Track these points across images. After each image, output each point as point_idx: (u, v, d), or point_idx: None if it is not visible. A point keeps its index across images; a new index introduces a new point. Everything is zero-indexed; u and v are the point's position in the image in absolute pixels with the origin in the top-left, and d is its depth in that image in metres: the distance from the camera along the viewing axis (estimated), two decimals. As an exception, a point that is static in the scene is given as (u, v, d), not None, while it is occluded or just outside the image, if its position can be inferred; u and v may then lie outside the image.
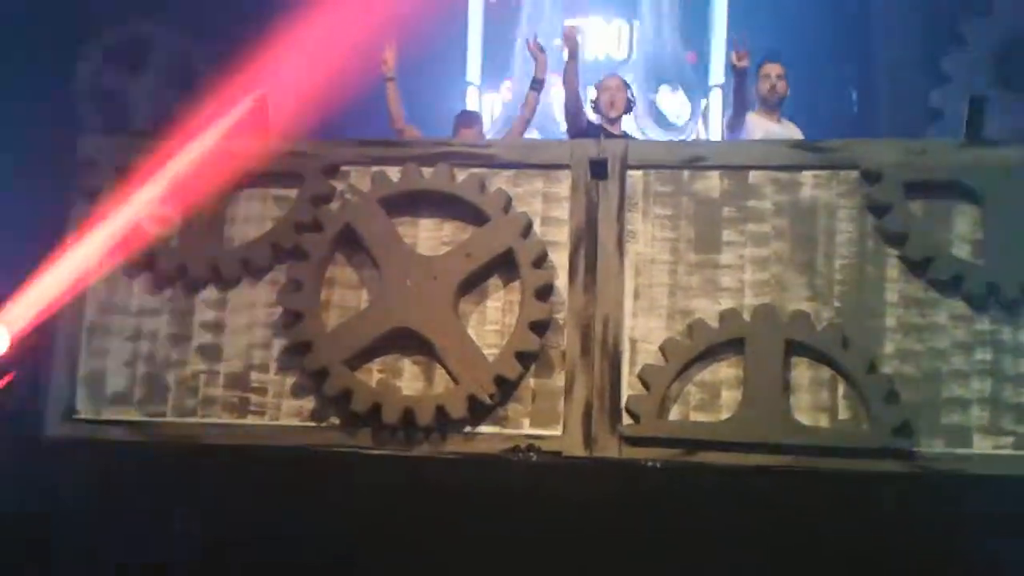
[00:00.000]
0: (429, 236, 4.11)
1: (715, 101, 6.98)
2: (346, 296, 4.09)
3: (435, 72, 6.77)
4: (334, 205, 4.14)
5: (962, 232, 3.87)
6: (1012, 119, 6.20)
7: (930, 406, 3.77)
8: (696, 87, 7.21)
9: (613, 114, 5.03)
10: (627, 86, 5.19)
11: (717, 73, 6.89)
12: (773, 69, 4.96)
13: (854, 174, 3.94)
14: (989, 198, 3.82)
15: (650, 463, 3.78)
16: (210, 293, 4.18)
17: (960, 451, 3.73)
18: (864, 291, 3.87)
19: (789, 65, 5.03)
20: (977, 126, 3.89)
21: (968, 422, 3.76)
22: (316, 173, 4.17)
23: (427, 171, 4.10)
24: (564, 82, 5.14)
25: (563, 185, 4.08)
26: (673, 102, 7.10)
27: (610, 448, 3.84)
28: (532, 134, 5.75)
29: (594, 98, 5.12)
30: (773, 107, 4.96)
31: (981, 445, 3.74)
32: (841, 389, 3.78)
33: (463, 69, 7.29)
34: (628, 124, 5.40)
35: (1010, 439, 3.73)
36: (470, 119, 5.53)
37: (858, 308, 3.86)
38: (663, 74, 7.12)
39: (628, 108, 5.13)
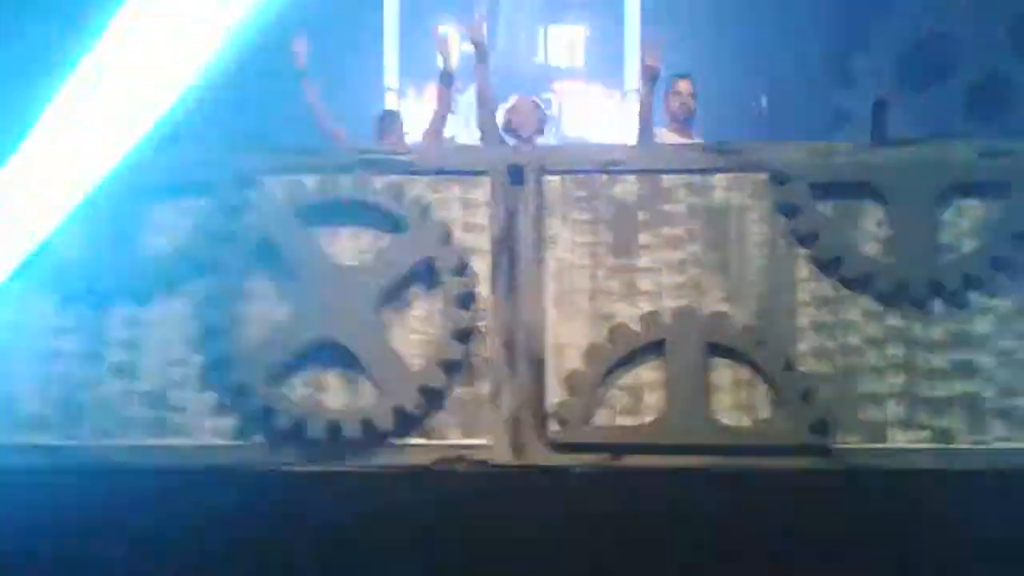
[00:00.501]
0: (348, 246, 4.04)
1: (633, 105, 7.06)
2: (265, 309, 4.01)
3: (350, 76, 6.67)
4: (249, 216, 4.06)
5: (870, 231, 3.96)
6: (915, 118, 6.44)
7: (846, 402, 3.86)
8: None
9: (524, 134, 4.97)
10: (538, 107, 5.16)
11: (632, 78, 6.95)
12: (685, 86, 5.01)
13: (764, 176, 4.00)
14: (895, 196, 3.92)
15: (578, 469, 3.81)
16: (123, 309, 4.06)
17: (877, 446, 3.83)
18: (777, 291, 3.94)
19: (698, 71, 5.09)
20: (882, 127, 4.02)
21: (884, 417, 3.86)
22: (229, 183, 4.08)
23: (344, 179, 4.05)
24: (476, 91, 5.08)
25: (482, 191, 4.05)
26: None
27: (538, 455, 3.85)
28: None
29: (505, 121, 5.05)
30: (684, 124, 5.02)
31: (897, 439, 3.84)
32: (760, 388, 3.85)
33: (380, 72, 7.19)
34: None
35: (926, 432, 3.84)
36: (389, 123, 5.32)
37: (772, 308, 3.93)
38: None
39: (541, 129, 5.10)
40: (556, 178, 4.06)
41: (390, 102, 7.07)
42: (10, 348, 4.05)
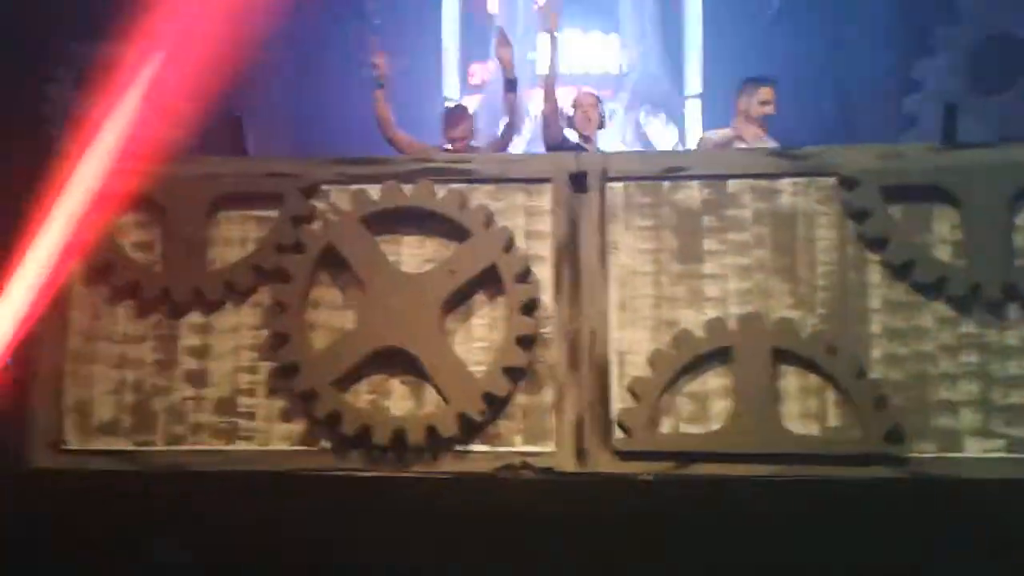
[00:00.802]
0: (412, 254, 4.09)
1: (692, 111, 7.02)
2: (331, 317, 4.07)
3: (411, 87, 6.75)
4: (315, 225, 4.12)
5: (942, 234, 3.89)
6: (984, 121, 6.31)
7: (920, 410, 3.79)
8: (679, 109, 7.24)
9: (588, 131, 5.02)
10: (600, 101, 5.19)
11: (693, 84, 6.93)
12: (769, 92, 5.00)
13: (832, 181, 3.96)
14: (966, 200, 3.85)
15: (643, 477, 3.79)
16: (194, 317, 4.14)
17: (951, 455, 3.75)
18: (847, 297, 3.89)
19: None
20: (951, 130, 3.93)
21: (958, 425, 3.78)
22: (296, 193, 4.14)
23: (407, 188, 4.09)
24: (544, 97, 5.12)
25: (544, 199, 4.07)
26: (663, 134, 7.12)
27: (602, 462, 3.84)
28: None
29: (570, 115, 5.11)
30: (762, 126, 4.98)
31: (972, 448, 3.76)
32: (830, 396, 3.80)
33: (439, 83, 7.29)
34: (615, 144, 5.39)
35: (1001, 442, 3.76)
36: (458, 116, 5.33)
37: (842, 314, 3.87)
38: (650, 98, 7.15)
39: (602, 124, 5.13)
40: (619, 185, 4.06)
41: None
42: (87, 355, 4.16)
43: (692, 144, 6.93)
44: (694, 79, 6.99)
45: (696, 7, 7.08)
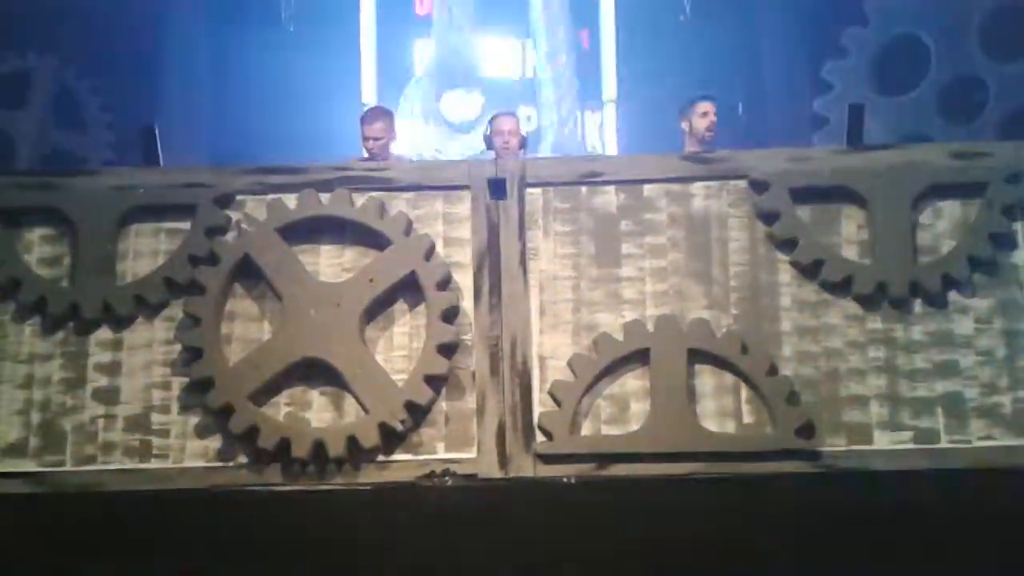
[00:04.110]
0: (330, 263, 4.05)
1: (609, 114, 7.11)
2: (248, 329, 4.00)
3: (329, 95, 6.71)
4: (230, 236, 4.05)
5: (849, 234, 4.00)
6: (889, 121, 6.54)
7: (830, 405, 3.88)
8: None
9: (507, 156, 5.00)
10: (518, 124, 5.20)
11: (609, 88, 7.02)
12: (710, 107, 5.14)
13: (743, 184, 4.05)
14: (873, 200, 3.96)
15: (565, 479, 3.80)
16: (104, 333, 4.03)
17: (861, 448, 3.83)
18: (759, 296, 3.97)
19: (680, 83, 5.16)
20: (857, 132, 4.06)
21: (867, 419, 3.87)
22: (209, 203, 4.07)
23: (325, 197, 4.05)
24: None
25: (463, 206, 4.07)
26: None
27: (525, 467, 3.83)
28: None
29: (487, 134, 5.12)
30: (709, 144, 5.08)
31: (881, 441, 3.85)
32: (744, 394, 3.86)
33: (358, 90, 7.25)
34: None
35: (909, 433, 3.85)
36: (375, 115, 5.30)
37: (755, 313, 3.96)
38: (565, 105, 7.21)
39: (523, 146, 5.14)
40: (537, 191, 4.09)
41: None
42: (-9, 376, 4.02)
43: (611, 149, 7.05)
44: (609, 84, 7.09)
45: (609, 11, 7.17)
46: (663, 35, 6.84)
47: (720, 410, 3.87)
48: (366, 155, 5.15)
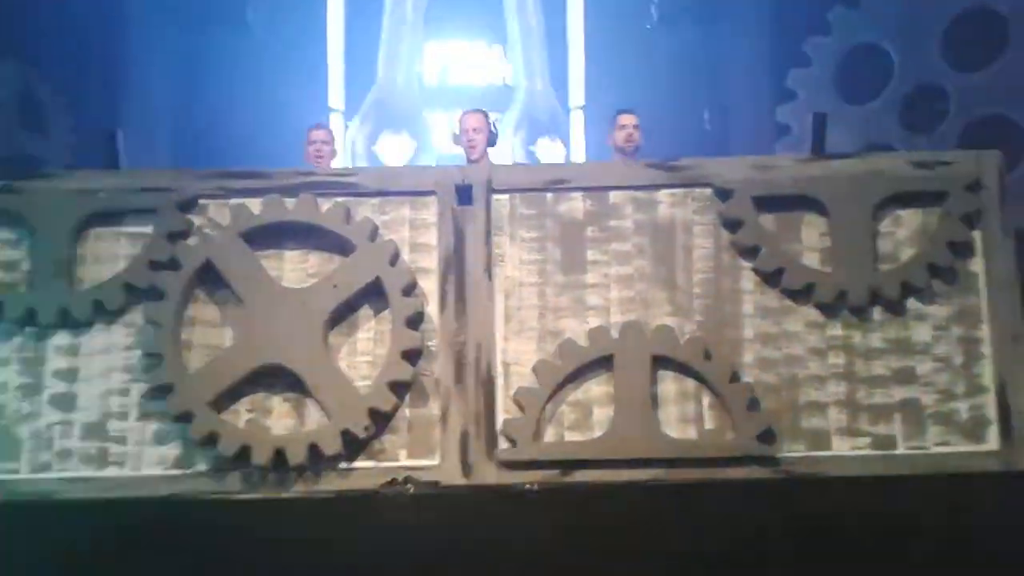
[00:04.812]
0: (295, 268, 4.01)
1: (576, 121, 7.14)
2: (209, 335, 3.96)
3: (297, 101, 6.67)
4: (192, 241, 4.01)
5: (811, 242, 4.03)
6: (852, 130, 6.62)
7: (790, 411, 3.91)
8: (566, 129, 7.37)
9: (474, 156, 5.06)
10: (487, 120, 5.25)
11: (576, 95, 7.04)
12: (629, 119, 5.25)
13: (707, 191, 4.07)
14: (834, 208, 4.00)
15: (528, 486, 3.80)
16: (62, 339, 3.98)
17: (821, 454, 3.87)
18: (722, 303, 3.99)
19: (644, 92, 5.24)
20: (820, 141, 4.10)
21: (827, 425, 3.91)
22: (171, 207, 4.03)
23: (290, 202, 4.02)
24: None
25: (429, 211, 4.06)
26: (552, 152, 7.23)
27: (488, 474, 3.83)
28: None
29: (456, 132, 5.18)
30: (631, 156, 5.16)
31: (840, 447, 3.88)
32: (706, 400, 3.88)
33: (324, 96, 7.22)
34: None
35: (867, 439, 3.89)
36: (318, 124, 5.47)
37: (718, 320, 3.98)
38: (540, 123, 7.25)
39: (492, 142, 5.19)
40: (504, 197, 4.08)
41: (334, 123, 7.11)
42: (-55, 382, 3.95)
43: (578, 157, 7.08)
44: (577, 91, 7.12)
45: (578, 18, 7.20)
46: (630, 41, 6.87)
47: (682, 416, 3.88)
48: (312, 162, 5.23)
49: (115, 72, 6.51)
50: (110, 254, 4.05)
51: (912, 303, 3.97)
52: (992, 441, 3.87)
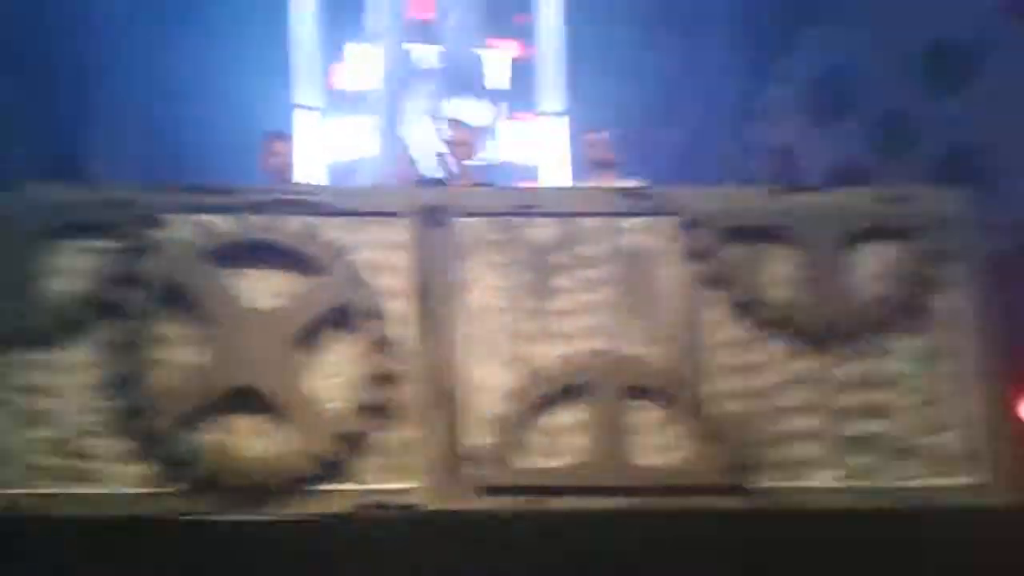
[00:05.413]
0: (260, 288, 3.95)
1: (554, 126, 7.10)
2: (177, 354, 3.90)
3: (258, 95, 6.53)
4: (157, 257, 3.93)
5: (780, 274, 4.07)
6: (823, 150, 6.67)
7: (763, 442, 3.93)
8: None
9: (457, 169, 5.08)
10: (473, 132, 5.30)
11: (552, 100, 7.01)
12: (592, 138, 5.49)
13: (676, 220, 4.08)
14: (803, 241, 4.04)
15: (499, 512, 3.80)
16: (28, 355, 3.89)
17: (794, 485, 3.91)
18: (692, 333, 4.01)
19: (618, 108, 5.29)
20: (788, 172, 4.14)
21: (800, 456, 3.95)
22: (135, 223, 3.95)
23: (256, 220, 3.96)
24: None
25: (397, 233, 4.02)
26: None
27: (459, 499, 3.83)
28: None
29: (446, 139, 5.17)
30: (603, 171, 5.22)
31: (814, 479, 3.93)
32: (678, 430, 3.91)
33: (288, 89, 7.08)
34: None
35: (840, 471, 3.94)
36: (277, 134, 5.52)
37: (688, 350, 4.00)
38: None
39: (475, 151, 5.25)
40: (471, 220, 4.06)
41: (299, 119, 6.98)
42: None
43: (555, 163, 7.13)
44: (554, 95, 7.10)
45: (555, 25, 7.16)
46: (618, 53, 6.86)
47: (654, 446, 3.90)
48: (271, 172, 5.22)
49: (79, 79, 6.30)
50: (74, 268, 3.96)
51: (882, 337, 4.02)
52: (964, 475, 3.93)
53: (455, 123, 5.35)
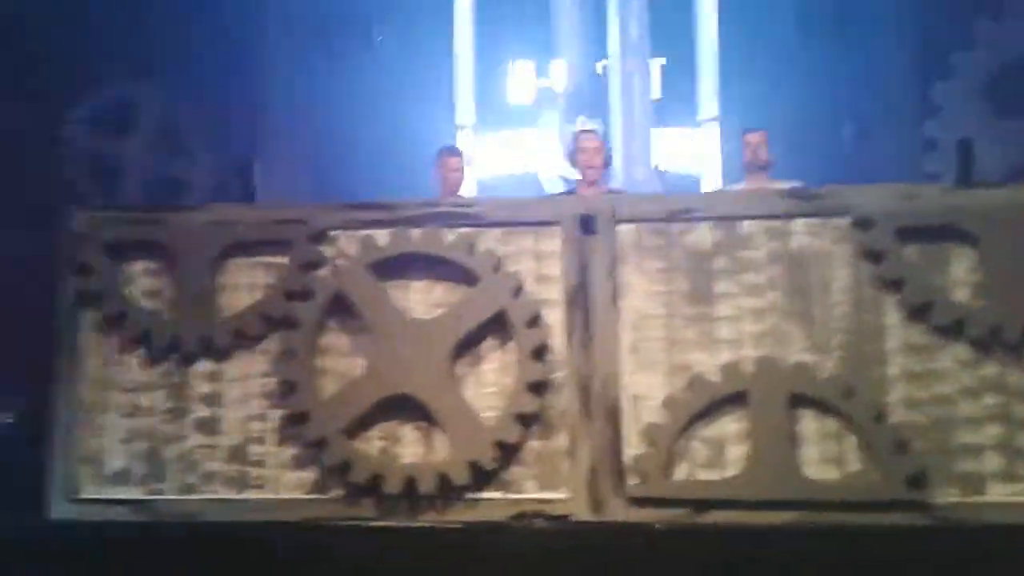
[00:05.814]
0: (420, 299, 4.05)
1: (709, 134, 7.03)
2: (340, 363, 4.03)
3: (423, 117, 6.77)
4: (324, 272, 4.10)
5: (960, 276, 3.81)
6: (1005, 147, 6.25)
7: (941, 454, 3.70)
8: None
9: (591, 176, 5.09)
10: (603, 141, 5.32)
11: (709, 107, 6.94)
12: (754, 138, 5.27)
13: (846, 221, 3.89)
14: (985, 240, 3.77)
15: (658, 524, 3.71)
16: (204, 365, 4.13)
17: (975, 500, 3.66)
18: (864, 339, 3.81)
19: (783, 109, 5.17)
20: (967, 168, 3.86)
21: (981, 469, 3.69)
22: (304, 239, 4.13)
23: (415, 233, 4.06)
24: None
25: (553, 242, 4.02)
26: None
27: (617, 510, 3.77)
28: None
29: (571, 151, 5.22)
30: (758, 172, 5.13)
31: (996, 492, 3.67)
32: (849, 441, 3.72)
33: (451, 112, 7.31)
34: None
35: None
36: (453, 150, 5.69)
37: (860, 357, 3.79)
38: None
39: (607, 164, 5.25)
40: (629, 227, 4.01)
41: (461, 140, 7.17)
42: (99, 404, 4.15)
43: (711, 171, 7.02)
44: (709, 103, 7.02)
45: (711, 29, 7.11)
46: (766, 58, 6.71)
47: (823, 457, 3.72)
48: (444, 188, 5.34)
49: (254, 94, 6.75)
50: (248, 283, 4.17)
51: (1068, 342, 3.71)
52: None
53: (587, 133, 5.39)
